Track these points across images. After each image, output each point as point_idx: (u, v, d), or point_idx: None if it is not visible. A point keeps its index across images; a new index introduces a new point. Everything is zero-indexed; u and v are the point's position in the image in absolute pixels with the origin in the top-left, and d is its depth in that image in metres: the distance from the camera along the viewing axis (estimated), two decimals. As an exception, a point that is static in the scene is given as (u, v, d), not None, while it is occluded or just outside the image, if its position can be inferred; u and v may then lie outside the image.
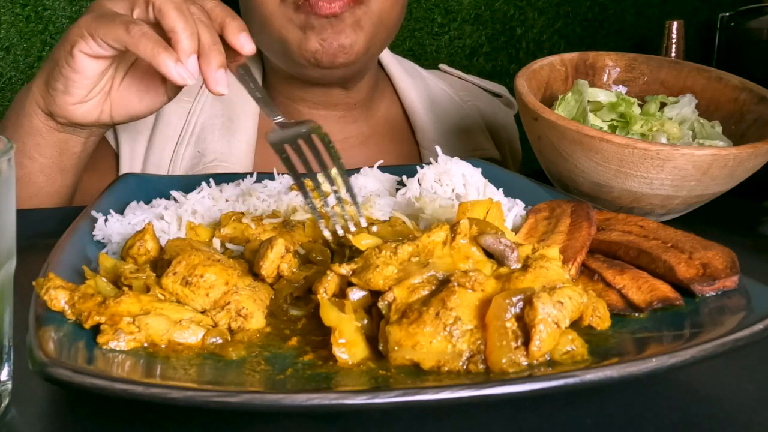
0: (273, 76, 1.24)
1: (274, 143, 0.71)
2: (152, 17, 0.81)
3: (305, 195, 0.67)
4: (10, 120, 0.95)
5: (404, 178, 0.81)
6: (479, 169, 0.82)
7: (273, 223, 0.71)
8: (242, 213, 0.73)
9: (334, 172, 0.71)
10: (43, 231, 0.79)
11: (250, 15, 1.12)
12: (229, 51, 0.82)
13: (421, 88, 1.31)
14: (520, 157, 1.42)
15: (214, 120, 1.19)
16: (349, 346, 0.51)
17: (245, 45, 0.82)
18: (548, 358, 0.50)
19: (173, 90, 0.92)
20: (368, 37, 1.10)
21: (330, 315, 0.52)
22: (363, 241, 0.58)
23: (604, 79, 1.04)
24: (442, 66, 1.43)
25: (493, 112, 1.38)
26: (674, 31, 1.78)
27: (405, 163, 1.24)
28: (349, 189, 0.69)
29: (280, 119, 0.76)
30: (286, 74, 1.19)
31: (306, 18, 1.06)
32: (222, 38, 0.82)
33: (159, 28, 0.79)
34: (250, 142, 1.18)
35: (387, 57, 1.31)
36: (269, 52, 1.18)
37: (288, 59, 1.12)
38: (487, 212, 0.65)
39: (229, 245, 0.71)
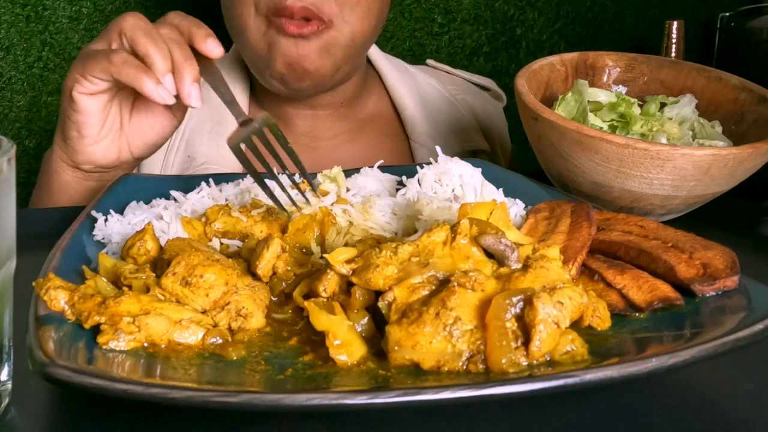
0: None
1: (232, 146, 0.78)
2: (128, 47, 0.87)
3: (263, 188, 0.73)
4: (42, 183, 1.01)
5: (404, 178, 0.81)
6: (479, 170, 0.82)
7: (260, 212, 0.72)
8: (227, 205, 0.74)
9: (333, 172, 0.78)
10: (43, 231, 0.79)
11: (229, 25, 1.15)
12: (202, 59, 0.87)
13: (410, 83, 1.31)
14: (510, 149, 1.42)
15: (202, 125, 1.20)
16: (345, 346, 0.51)
17: (213, 49, 0.88)
18: (548, 358, 0.50)
19: (180, 111, 0.97)
20: (336, 62, 1.10)
21: (320, 319, 0.52)
22: (339, 257, 0.58)
23: (604, 79, 1.04)
24: (430, 61, 1.43)
25: (483, 105, 1.38)
26: (674, 31, 1.78)
27: (395, 157, 1.25)
28: (303, 171, 0.77)
29: (242, 120, 0.83)
30: None
31: (275, 34, 1.07)
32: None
33: (137, 57, 0.86)
34: None
35: (375, 53, 1.31)
36: (247, 61, 1.19)
37: (259, 74, 1.15)
38: (491, 214, 0.65)
39: (224, 240, 0.71)
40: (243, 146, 0.78)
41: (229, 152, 1.17)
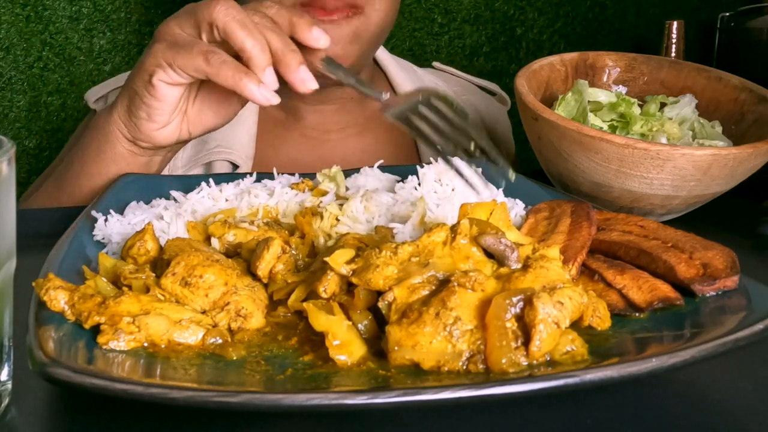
0: None
1: (398, 118, 0.75)
2: (219, 38, 0.81)
3: (438, 153, 0.72)
4: (91, 146, 0.96)
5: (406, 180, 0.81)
6: (479, 170, 0.82)
7: (263, 225, 0.72)
8: (226, 219, 0.73)
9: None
10: (43, 231, 0.79)
11: None
12: (305, 49, 0.81)
13: (417, 83, 1.32)
14: (513, 153, 1.43)
15: None
16: (344, 346, 0.51)
17: (320, 38, 0.82)
18: (548, 358, 0.50)
19: (245, 98, 0.92)
20: (363, 49, 1.11)
21: (319, 320, 0.52)
22: (338, 259, 0.58)
23: (604, 79, 1.04)
24: (436, 64, 1.44)
25: (488, 108, 1.39)
26: (674, 31, 1.78)
27: (402, 152, 1.26)
28: (486, 145, 0.72)
29: (386, 96, 0.79)
30: None
31: None
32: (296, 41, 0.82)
33: (228, 45, 0.80)
34: (251, 132, 1.19)
35: (382, 54, 1.33)
36: None
37: None
38: (491, 214, 0.65)
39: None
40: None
41: (240, 140, 1.18)
